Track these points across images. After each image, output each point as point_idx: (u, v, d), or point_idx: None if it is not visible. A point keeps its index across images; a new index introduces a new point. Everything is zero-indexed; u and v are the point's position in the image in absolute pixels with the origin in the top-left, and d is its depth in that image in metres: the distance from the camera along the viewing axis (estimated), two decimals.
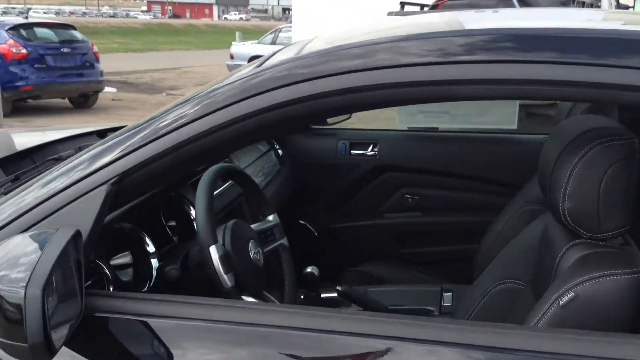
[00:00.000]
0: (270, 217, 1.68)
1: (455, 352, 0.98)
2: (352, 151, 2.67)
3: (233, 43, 15.73)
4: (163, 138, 1.11)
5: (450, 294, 1.95)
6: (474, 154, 2.57)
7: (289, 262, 1.70)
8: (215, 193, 1.59)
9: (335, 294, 1.93)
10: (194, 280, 1.43)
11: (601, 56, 0.99)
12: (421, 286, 2.04)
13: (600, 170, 1.15)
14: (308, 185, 2.68)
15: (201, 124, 1.11)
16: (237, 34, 19.68)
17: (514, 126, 2.65)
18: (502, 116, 2.64)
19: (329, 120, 2.65)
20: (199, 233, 1.33)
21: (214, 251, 1.32)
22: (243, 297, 1.39)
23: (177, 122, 1.12)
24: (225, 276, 1.32)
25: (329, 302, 1.93)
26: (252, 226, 1.61)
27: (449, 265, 2.61)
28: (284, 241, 1.69)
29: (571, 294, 1.11)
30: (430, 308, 1.83)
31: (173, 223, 1.74)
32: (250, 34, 26.45)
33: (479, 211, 2.57)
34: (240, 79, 1.14)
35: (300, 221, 2.70)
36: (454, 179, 2.59)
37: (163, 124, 1.13)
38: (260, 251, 1.52)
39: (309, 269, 1.84)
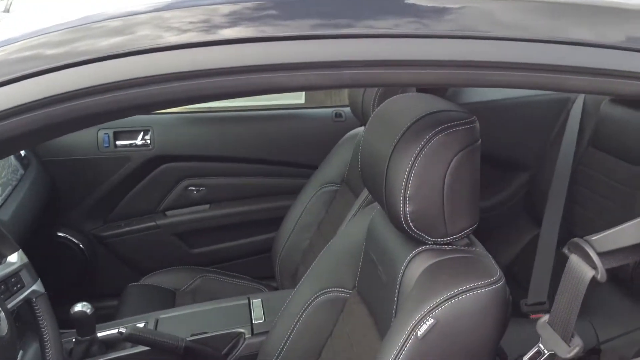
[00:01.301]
0: (13, 257, 1.20)
1: None
2: (117, 142, 2.21)
3: None
4: None
5: (260, 302, 1.66)
6: (262, 134, 2.31)
7: (49, 312, 1.25)
8: None
9: (115, 331, 1.52)
10: None
11: None
12: (223, 302, 1.71)
13: (444, 164, 0.94)
14: (64, 188, 2.18)
15: None
16: None
17: (302, 100, 2.43)
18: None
19: None
20: None
21: None
22: None
23: None
24: None
25: (111, 344, 1.52)
26: None
27: (248, 259, 2.35)
28: (38, 286, 1.23)
29: (430, 321, 0.89)
30: (241, 330, 1.52)
31: None
32: None
33: (274, 197, 2.34)
34: None
35: (59, 233, 2.20)
36: (243, 164, 2.31)
37: None
38: (2, 310, 1.07)
39: (77, 307, 1.42)
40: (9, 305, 1.14)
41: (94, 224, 2.24)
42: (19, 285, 1.19)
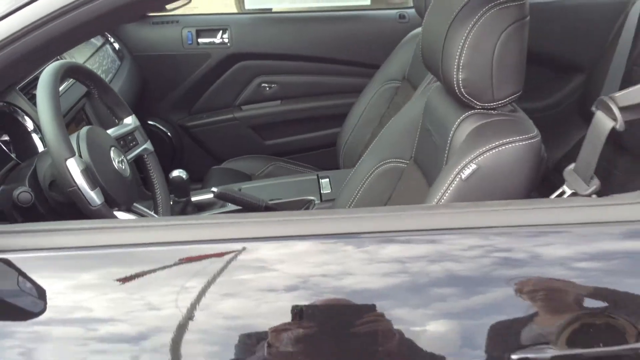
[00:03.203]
0: (129, 120, 1.45)
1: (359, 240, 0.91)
2: (199, 40, 2.43)
3: None
4: None
5: (328, 179, 1.89)
6: (329, 35, 2.47)
7: (157, 168, 1.51)
8: None
9: (207, 196, 1.79)
10: (52, 200, 1.20)
11: None
12: (296, 177, 1.96)
13: (494, 36, 1.10)
14: (153, 81, 2.42)
15: (21, 18, 0.88)
16: None
17: (368, 2, 2.56)
18: None
19: (168, 6, 2.36)
20: (51, 145, 1.10)
21: (73, 165, 1.11)
22: (115, 213, 1.20)
23: None
24: (91, 193, 1.12)
25: (203, 206, 1.79)
26: (109, 132, 1.38)
27: (314, 151, 2.57)
28: (148, 145, 1.49)
29: (473, 166, 1.08)
30: (311, 197, 1.76)
31: (6, 138, 1.45)
32: None
33: (339, 94, 2.52)
34: None
35: (149, 122, 2.46)
36: (312, 63, 2.49)
37: None
38: (124, 159, 1.32)
39: (175, 173, 1.67)
40: (128, 157, 1.40)
41: (180, 115, 2.50)
42: (133, 143, 1.45)
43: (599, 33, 2.28)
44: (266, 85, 2.51)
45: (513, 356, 0.79)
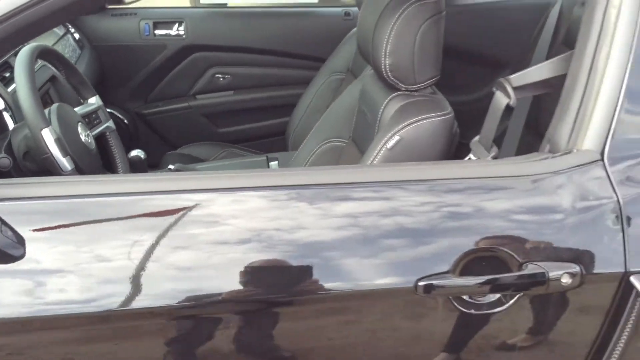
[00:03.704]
0: (93, 100, 1.59)
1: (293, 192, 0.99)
2: (156, 31, 2.56)
3: None
4: None
5: (276, 162, 2.07)
6: (280, 30, 2.64)
7: (119, 145, 1.66)
8: None
9: (167, 169, 1.93)
10: (26, 169, 1.34)
11: None
12: (246, 158, 2.12)
13: (415, 27, 1.30)
14: (112, 70, 2.55)
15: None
16: None
17: (316, 0, 2.75)
18: None
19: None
20: (29, 116, 1.24)
21: (47, 134, 1.25)
22: None
23: None
24: (63, 160, 1.27)
25: None
26: (76, 109, 1.52)
27: (264, 139, 2.73)
28: (111, 124, 1.64)
29: (397, 137, 1.28)
30: None
31: None
32: None
33: (289, 86, 2.70)
34: None
35: (107, 109, 2.57)
36: (263, 56, 2.65)
37: None
38: (90, 134, 1.46)
39: (133, 153, 1.81)
40: (93, 134, 1.54)
41: (136, 103, 2.63)
42: (97, 121, 1.59)
43: (523, 32, 2.52)
44: (220, 75, 2.66)
45: (420, 283, 0.97)
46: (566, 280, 0.98)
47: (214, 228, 0.95)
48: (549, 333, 1.05)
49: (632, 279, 0.99)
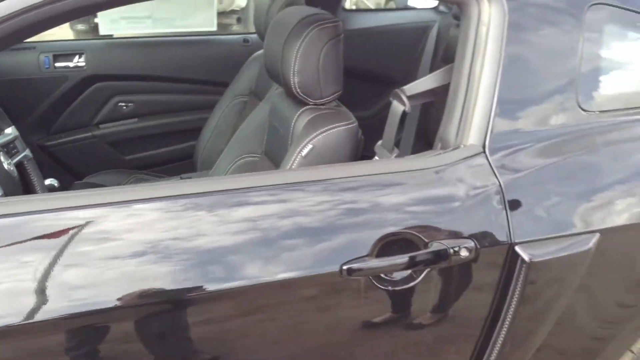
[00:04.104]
0: (9, 130, 1.61)
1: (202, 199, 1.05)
2: (56, 64, 2.57)
3: None
4: None
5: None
6: (181, 57, 2.73)
7: (37, 173, 1.68)
8: None
9: None
10: None
11: None
12: (160, 180, 2.19)
13: (318, 48, 1.46)
14: (13, 103, 2.51)
15: None
16: None
17: (214, 28, 2.86)
18: (202, 19, 2.82)
19: None
20: None
21: None
22: None
23: None
24: None
25: None
26: None
27: (172, 163, 2.79)
28: (28, 152, 1.66)
29: (310, 146, 1.43)
30: None
31: None
32: None
33: (194, 110, 2.78)
34: None
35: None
36: (166, 83, 2.73)
37: None
38: (12, 162, 1.49)
39: (47, 182, 1.83)
40: (14, 162, 1.57)
41: (39, 135, 2.61)
42: (15, 150, 1.61)
43: (408, 52, 2.79)
44: (123, 104, 2.70)
45: (344, 266, 1.11)
46: (464, 253, 1.15)
47: (107, 244, 0.97)
48: (453, 304, 1.22)
49: (517, 248, 1.18)
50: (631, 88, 1.40)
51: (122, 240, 0.98)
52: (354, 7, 3.10)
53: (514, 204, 1.20)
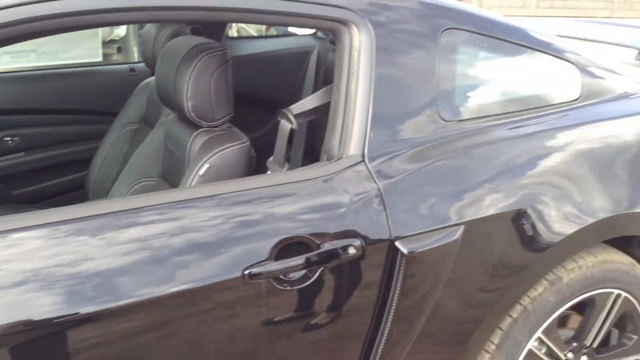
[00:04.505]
0: None
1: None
2: None
3: None
4: None
5: None
6: (67, 89, 2.72)
7: None
8: None
9: None
10: None
11: None
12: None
13: (209, 74, 1.56)
14: None
15: None
16: None
17: (100, 58, 2.88)
18: (87, 50, 2.83)
19: None
20: None
21: None
22: None
23: None
24: None
25: None
26: None
27: (63, 195, 2.76)
28: None
29: (207, 165, 1.52)
30: None
31: None
32: None
33: (83, 141, 2.77)
34: None
35: None
36: (52, 115, 2.70)
37: None
38: None
39: None
40: None
41: None
42: None
43: (292, 75, 2.96)
44: (8, 138, 2.64)
45: (246, 271, 1.22)
46: (352, 251, 1.30)
47: None
48: (346, 301, 1.36)
49: (397, 243, 1.35)
50: (485, 99, 1.64)
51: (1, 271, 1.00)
52: (236, 35, 3.23)
53: (392, 204, 1.37)
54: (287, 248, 1.27)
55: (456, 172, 1.46)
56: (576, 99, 1.70)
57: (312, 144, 2.48)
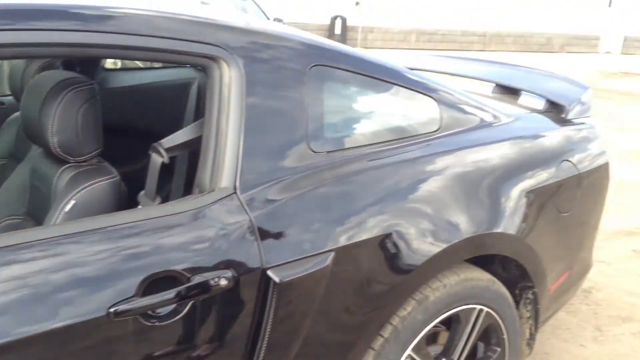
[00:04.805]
0: None
1: None
2: None
3: None
4: None
5: None
6: None
7: None
8: None
9: None
10: None
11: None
12: None
13: (75, 109, 1.53)
14: None
15: None
16: None
17: None
18: None
19: None
20: None
21: None
22: None
23: None
24: None
25: None
26: None
27: None
28: None
29: (73, 202, 1.49)
30: None
31: None
32: None
33: None
34: None
35: None
36: None
37: None
38: None
39: None
40: None
41: None
42: None
43: (172, 107, 2.93)
44: None
45: (111, 309, 1.20)
46: (224, 282, 1.32)
47: None
48: (219, 331, 1.37)
49: (269, 272, 1.38)
50: (352, 132, 1.72)
51: None
52: (114, 66, 3.17)
53: (264, 234, 1.40)
54: (156, 283, 1.26)
55: (326, 201, 1.52)
56: (436, 130, 1.83)
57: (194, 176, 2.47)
